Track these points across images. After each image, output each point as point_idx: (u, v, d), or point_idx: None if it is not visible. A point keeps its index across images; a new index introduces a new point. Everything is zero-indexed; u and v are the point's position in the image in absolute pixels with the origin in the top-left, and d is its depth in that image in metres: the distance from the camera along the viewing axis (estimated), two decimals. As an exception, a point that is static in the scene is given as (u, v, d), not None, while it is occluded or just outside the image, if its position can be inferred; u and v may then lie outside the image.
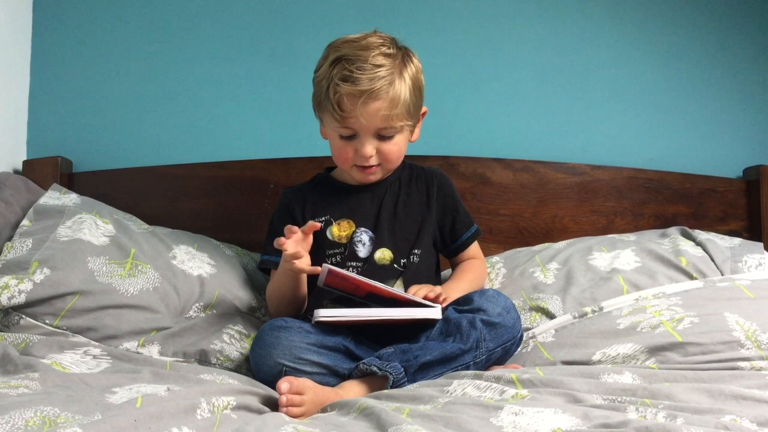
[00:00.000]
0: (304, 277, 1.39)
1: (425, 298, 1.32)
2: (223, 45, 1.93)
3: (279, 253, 1.41)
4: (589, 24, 1.97)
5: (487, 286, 1.56)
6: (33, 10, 1.90)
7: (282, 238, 1.29)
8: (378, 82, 1.35)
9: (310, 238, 1.32)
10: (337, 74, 1.35)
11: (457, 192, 1.57)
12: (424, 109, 1.48)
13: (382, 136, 1.40)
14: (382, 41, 1.40)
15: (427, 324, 1.31)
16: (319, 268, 1.29)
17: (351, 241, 1.45)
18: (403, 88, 1.38)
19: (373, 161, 1.42)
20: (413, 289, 1.36)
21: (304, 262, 1.30)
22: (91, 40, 1.92)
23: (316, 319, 1.28)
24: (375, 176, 1.47)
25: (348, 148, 1.41)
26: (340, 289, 1.34)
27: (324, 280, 1.31)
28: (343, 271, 1.30)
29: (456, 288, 1.42)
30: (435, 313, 1.28)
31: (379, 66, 1.36)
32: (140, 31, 1.93)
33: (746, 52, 1.98)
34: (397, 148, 1.43)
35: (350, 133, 1.40)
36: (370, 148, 1.40)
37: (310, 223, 1.31)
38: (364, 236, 1.46)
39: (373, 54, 1.36)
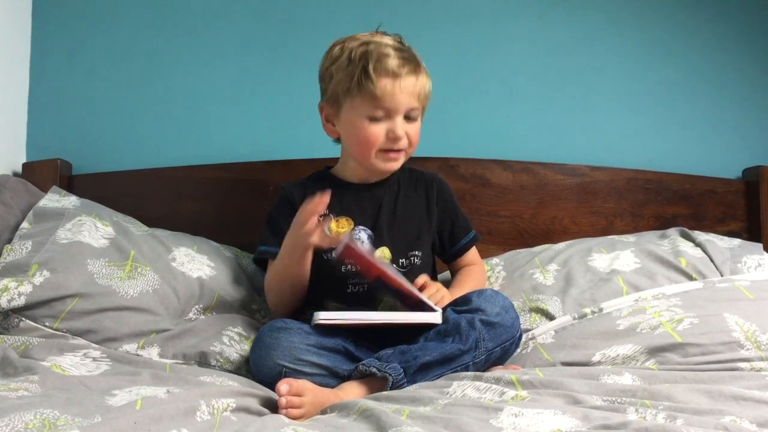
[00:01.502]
0: (309, 259, 1.39)
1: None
2: (223, 46, 1.93)
3: (277, 244, 1.43)
4: (589, 25, 1.97)
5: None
6: (32, 11, 1.90)
7: (309, 218, 1.31)
8: (411, 61, 1.42)
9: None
10: (372, 55, 1.40)
11: (455, 197, 1.58)
12: None
13: (409, 117, 1.44)
14: (391, 36, 1.46)
15: (427, 327, 1.31)
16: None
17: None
18: (424, 73, 1.45)
19: (403, 144, 1.43)
20: (421, 279, 1.39)
21: (316, 237, 1.34)
22: (91, 41, 1.92)
23: (316, 322, 1.28)
24: (397, 163, 1.48)
25: (379, 131, 1.42)
26: (353, 263, 1.36)
27: (341, 253, 1.31)
28: (359, 249, 1.31)
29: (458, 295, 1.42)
30: (435, 317, 1.29)
31: (404, 50, 1.43)
32: (140, 32, 1.93)
33: (746, 52, 1.98)
34: (418, 132, 1.47)
35: (383, 114, 1.41)
36: (403, 128, 1.42)
37: (324, 196, 1.32)
38: (363, 234, 1.46)
39: (393, 42, 1.43)
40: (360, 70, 1.39)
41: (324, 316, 1.28)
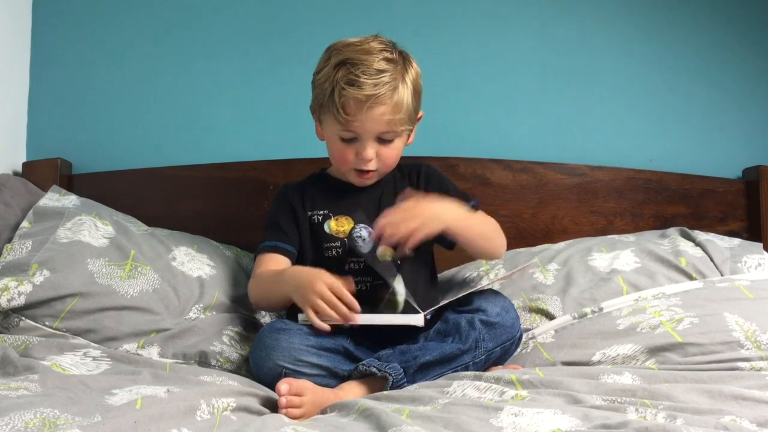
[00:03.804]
0: None
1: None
2: (223, 45, 1.93)
3: (277, 237, 1.44)
4: (589, 24, 1.97)
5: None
6: (33, 10, 1.90)
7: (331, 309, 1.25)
8: (383, 87, 1.35)
9: None
10: (343, 78, 1.35)
11: (446, 178, 1.56)
12: (420, 113, 1.49)
13: (383, 140, 1.41)
14: (383, 46, 1.41)
15: (414, 329, 1.30)
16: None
17: (350, 237, 1.45)
18: (405, 93, 1.39)
19: (372, 165, 1.43)
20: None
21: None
22: (91, 41, 1.92)
23: (301, 322, 1.28)
24: (371, 181, 1.48)
25: (348, 151, 1.42)
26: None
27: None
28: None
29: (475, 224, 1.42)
30: (417, 319, 1.27)
31: (383, 71, 1.37)
32: (140, 32, 1.93)
33: (746, 52, 1.98)
34: (396, 152, 1.44)
35: (352, 136, 1.40)
36: (371, 151, 1.40)
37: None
38: (364, 232, 1.46)
39: (377, 59, 1.37)
40: (329, 93, 1.37)
41: (303, 318, 1.28)
